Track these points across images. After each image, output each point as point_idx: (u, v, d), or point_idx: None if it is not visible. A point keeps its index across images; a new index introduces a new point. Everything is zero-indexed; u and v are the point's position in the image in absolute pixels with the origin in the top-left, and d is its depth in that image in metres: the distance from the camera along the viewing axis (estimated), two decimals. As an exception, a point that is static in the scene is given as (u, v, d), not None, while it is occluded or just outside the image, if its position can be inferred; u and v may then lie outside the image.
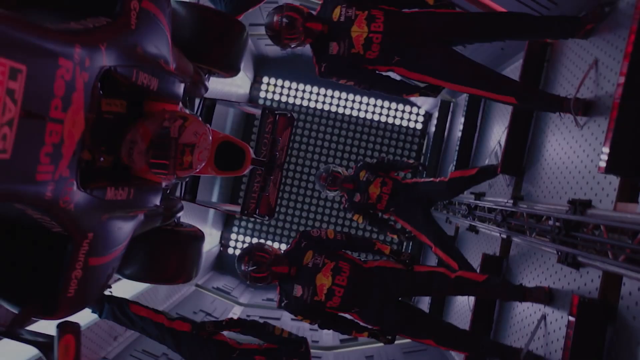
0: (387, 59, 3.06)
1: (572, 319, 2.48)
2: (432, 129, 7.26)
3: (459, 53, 3.11)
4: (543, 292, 2.96)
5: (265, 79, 7.69)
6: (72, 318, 1.86)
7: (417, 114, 7.78)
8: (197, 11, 3.21)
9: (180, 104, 2.37)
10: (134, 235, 2.26)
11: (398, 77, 3.35)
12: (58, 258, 1.76)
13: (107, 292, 3.09)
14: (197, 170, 2.08)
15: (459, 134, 5.69)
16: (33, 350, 1.91)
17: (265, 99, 7.73)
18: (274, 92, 7.70)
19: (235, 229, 7.86)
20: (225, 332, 3.23)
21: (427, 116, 7.74)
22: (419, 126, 7.78)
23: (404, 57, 3.05)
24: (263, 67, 7.55)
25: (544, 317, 2.98)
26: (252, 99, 7.75)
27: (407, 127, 7.78)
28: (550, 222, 3.10)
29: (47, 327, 1.98)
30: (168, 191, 2.96)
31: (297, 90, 7.68)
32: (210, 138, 2.10)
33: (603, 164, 2.52)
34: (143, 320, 3.17)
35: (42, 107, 1.23)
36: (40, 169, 1.30)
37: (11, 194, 1.25)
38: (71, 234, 1.67)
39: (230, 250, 7.90)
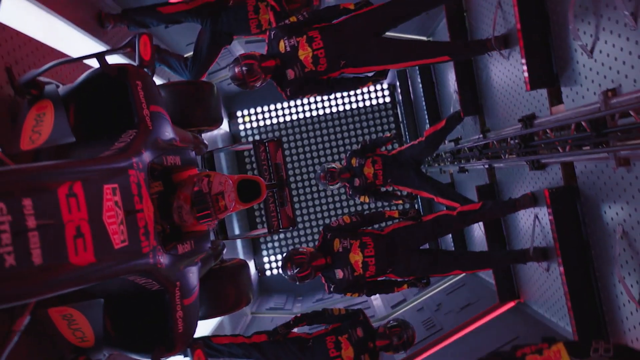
0: (335, 66, 3.66)
1: (549, 209, 3.09)
2: (400, 97, 7.87)
3: (390, 38, 3.71)
4: (528, 198, 3.56)
5: (239, 113, 8.29)
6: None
7: (382, 89, 8.38)
8: (172, 88, 3.80)
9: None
10: (200, 278, 2.87)
11: (351, 75, 3.95)
12: (161, 309, 2.37)
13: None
14: (231, 209, 2.68)
15: (422, 93, 6.30)
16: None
17: (245, 129, 8.33)
18: (251, 121, 8.31)
19: (264, 252, 8.45)
20: (295, 329, 3.83)
21: (391, 87, 8.34)
22: (388, 99, 8.38)
23: (348, 60, 3.65)
24: (233, 103, 8.15)
25: (536, 216, 3.58)
26: (234, 134, 8.35)
27: (378, 104, 8.38)
28: (513, 141, 3.72)
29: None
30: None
31: (270, 110, 8.28)
32: (231, 182, 2.70)
33: (527, 83, 3.13)
34: (227, 346, 3.76)
35: (131, 205, 1.83)
36: (143, 244, 1.90)
37: (133, 267, 1.85)
38: (167, 286, 2.26)
39: (267, 273, 8.49)
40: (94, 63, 2.32)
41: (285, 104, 8.23)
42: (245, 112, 8.27)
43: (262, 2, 4.18)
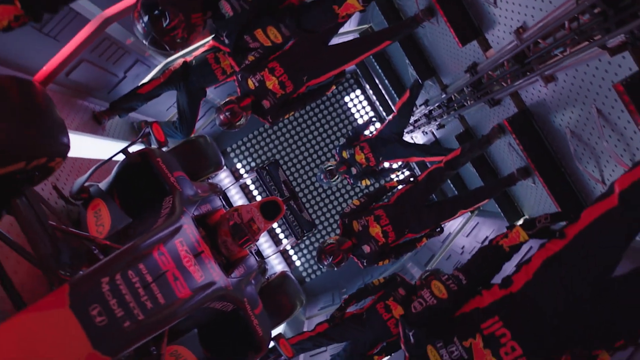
0: (299, 83, 4.21)
1: (513, 134, 3.65)
2: (365, 84, 8.42)
3: (337, 44, 4.27)
4: (495, 129, 4.11)
5: (229, 149, 8.86)
6: None
7: (346, 80, 8.94)
8: (175, 152, 4.36)
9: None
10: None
11: (316, 86, 4.50)
12: (240, 324, 2.93)
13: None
14: (263, 229, 3.24)
15: (382, 73, 6.85)
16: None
17: (240, 161, 8.89)
18: (242, 152, 8.88)
19: (298, 262, 9.00)
20: (348, 309, 4.38)
21: (354, 75, 8.90)
22: (355, 87, 8.94)
23: (308, 74, 4.21)
24: (222, 141, 8.72)
25: (509, 144, 4.14)
26: (230, 167, 8.91)
27: (348, 93, 8.95)
28: (467, 89, 4.27)
29: None
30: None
31: (255, 136, 8.84)
32: (254, 208, 3.26)
33: (458, 42, 3.69)
34: (298, 344, 4.32)
35: (195, 249, 2.40)
36: (213, 275, 2.46)
37: (213, 294, 2.41)
38: (238, 304, 2.82)
39: (307, 280, 9.05)
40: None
41: (267, 126, 8.78)
42: (234, 146, 8.84)
43: (219, 52, 4.75)
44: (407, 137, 7.07)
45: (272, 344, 3.10)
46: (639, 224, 1.81)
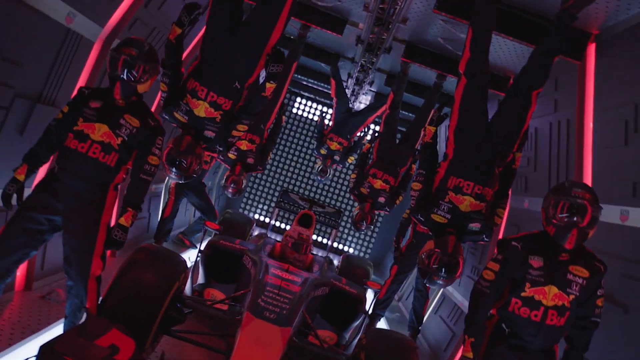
0: (261, 131, 5.40)
1: (414, 62, 4.84)
2: (299, 90, 9.60)
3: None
4: (403, 64, 5.29)
5: (240, 210, 10.06)
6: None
7: (287, 97, 10.11)
8: (222, 233, 5.56)
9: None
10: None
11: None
12: (339, 297, 4.11)
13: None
14: (311, 236, 4.43)
15: (305, 77, 8.05)
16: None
17: (254, 212, 10.09)
18: (252, 204, 10.08)
19: (350, 250, 10.19)
20: (401, 245, 5.56)
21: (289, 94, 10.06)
22: (294, 97, 10.13)
23: (262, 121, 5.40)
24: (232, 206, 9.90)
25: (418, 66, 5.32)
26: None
27: (293, 106, 10.14)
28: (367, 53, 5.46)
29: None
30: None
31: (252, 186, 10.05)
32: (296, 224, 4.46)
33: (336, 34, 4.87)
34: (387, 291, 5.49)
35: (283, 268, 3.59)
36: (304, 276, 3.65)
37: (311, 284, 3.59)
38: (329, 284, 4.01)
39: (366, 257, 10.22)
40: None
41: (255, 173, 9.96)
42: (242, 204, 10.04)
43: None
44: (357, 105, 8.26)
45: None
46: (483, 84, 3.01)
